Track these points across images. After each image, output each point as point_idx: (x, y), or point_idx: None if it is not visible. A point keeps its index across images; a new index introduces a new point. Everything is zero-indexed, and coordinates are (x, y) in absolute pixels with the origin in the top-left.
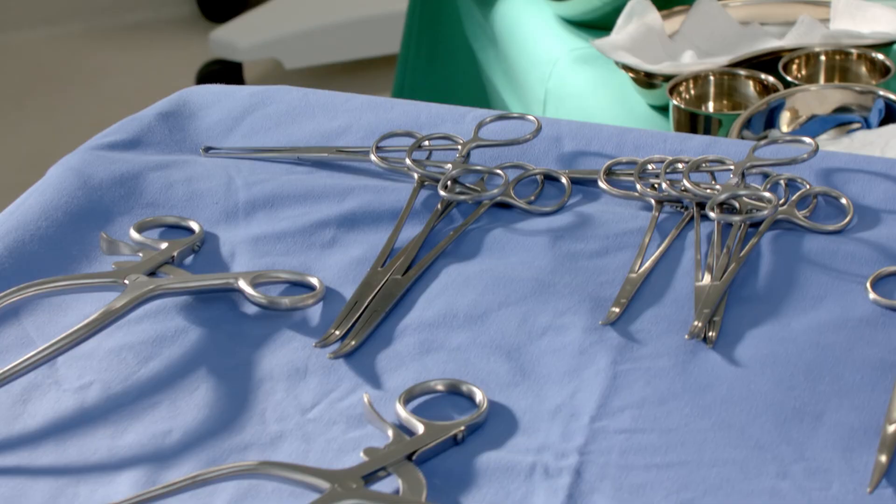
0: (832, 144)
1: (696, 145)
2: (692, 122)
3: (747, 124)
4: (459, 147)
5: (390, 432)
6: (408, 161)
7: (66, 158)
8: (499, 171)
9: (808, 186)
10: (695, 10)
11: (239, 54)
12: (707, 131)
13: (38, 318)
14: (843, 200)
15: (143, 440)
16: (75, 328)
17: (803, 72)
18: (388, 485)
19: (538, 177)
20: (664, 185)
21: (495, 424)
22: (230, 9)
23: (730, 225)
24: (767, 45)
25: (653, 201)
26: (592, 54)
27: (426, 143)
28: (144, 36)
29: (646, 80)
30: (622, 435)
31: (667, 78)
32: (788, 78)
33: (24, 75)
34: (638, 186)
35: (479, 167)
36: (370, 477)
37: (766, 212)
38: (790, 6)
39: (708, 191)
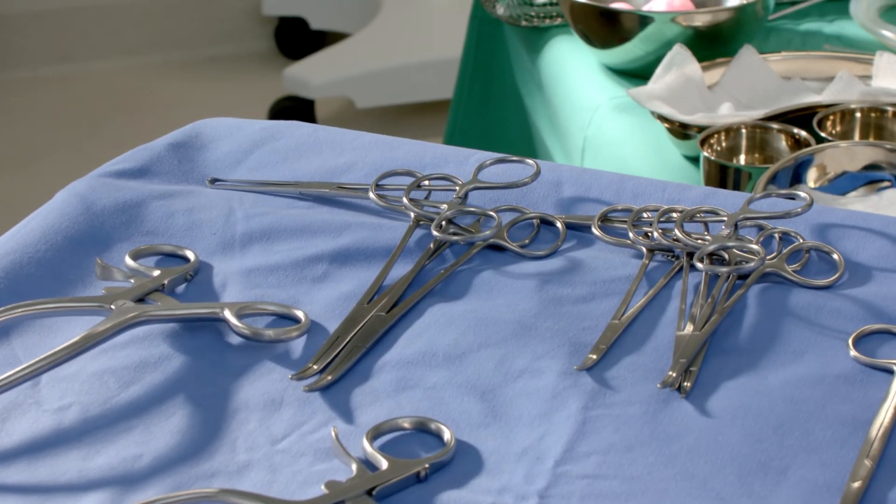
0: (860, 202)
1: (695, 196)
2: (722, 174)
3: (773, 179)
4: (457, 188)
5: (354, 467)
6: (405, 200)
7: (73, 184)
8: (492, 214)
9: (801, 240)
10: (736, 62)
11: (311, 91)
12: (736, 184)
13: (27, 339)
14: (835, 256)
15: (113, 463)
16: (55, 350)
17: (838, 128)
18: None
19: (534, 221)
20: (656, 234)
21: (461, 464)
22: (307, 46)
23: (718, 276)
24: (804, 99)
25: (644, 249)
26: (631, 103)
27: (426, 182)
28: (221, 69)
29: (680, 131)
30: (584, 480)
31: (701, 129)
32: (822, 134)
33: (100, 104)
34: (631, 234)
35: (473, 209)
36: None
37: (752, 264)
38: (832, 61)
39: (699, 241)
